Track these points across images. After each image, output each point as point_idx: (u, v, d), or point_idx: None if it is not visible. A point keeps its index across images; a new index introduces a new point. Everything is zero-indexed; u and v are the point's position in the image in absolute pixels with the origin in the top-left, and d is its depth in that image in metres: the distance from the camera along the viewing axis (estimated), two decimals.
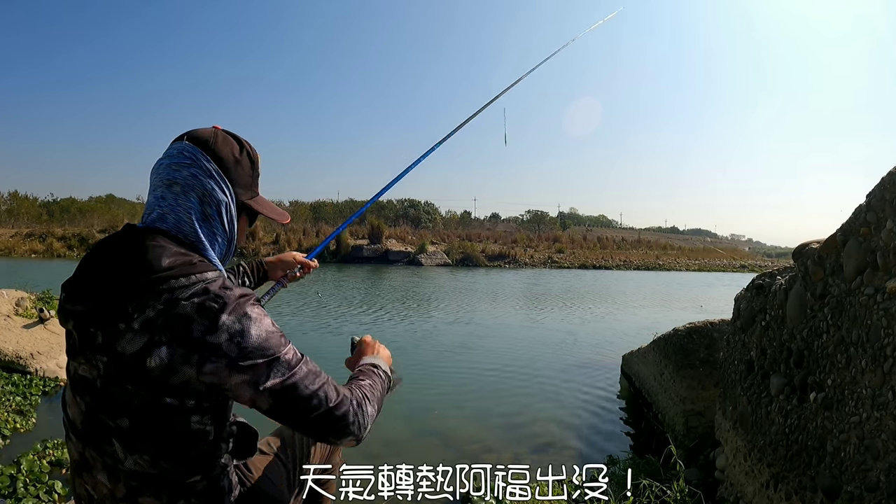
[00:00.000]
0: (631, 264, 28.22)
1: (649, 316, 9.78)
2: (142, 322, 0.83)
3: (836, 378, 1.58)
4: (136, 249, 0.88)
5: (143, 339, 0.83)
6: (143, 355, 0.83)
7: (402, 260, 23.58)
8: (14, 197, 32.09)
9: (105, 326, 0.86)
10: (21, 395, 3.54)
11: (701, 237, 61.25)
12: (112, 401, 0.87)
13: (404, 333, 7.12)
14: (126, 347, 0.84)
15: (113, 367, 0.85)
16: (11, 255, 20.71)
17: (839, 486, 1.51)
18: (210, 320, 0.84)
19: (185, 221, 0.94)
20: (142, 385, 0.85)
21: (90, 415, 0.89)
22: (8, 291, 5.25)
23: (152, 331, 0.83)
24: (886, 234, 1.41)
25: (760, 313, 2.11)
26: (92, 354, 0.87)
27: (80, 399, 0.91)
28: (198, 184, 0.95)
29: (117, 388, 0.86)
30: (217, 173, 0.97)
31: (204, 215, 0.96)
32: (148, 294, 0.85)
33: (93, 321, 0.87)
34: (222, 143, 1.00)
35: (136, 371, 0.84)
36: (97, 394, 0.88)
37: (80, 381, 0.90)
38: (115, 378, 0.86)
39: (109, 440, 0.88)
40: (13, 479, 2.38)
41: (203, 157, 0.97)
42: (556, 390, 4.60)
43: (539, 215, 48.31)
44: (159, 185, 0.96)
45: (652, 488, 2.19)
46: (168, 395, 0.85)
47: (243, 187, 1.02)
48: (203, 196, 0.96)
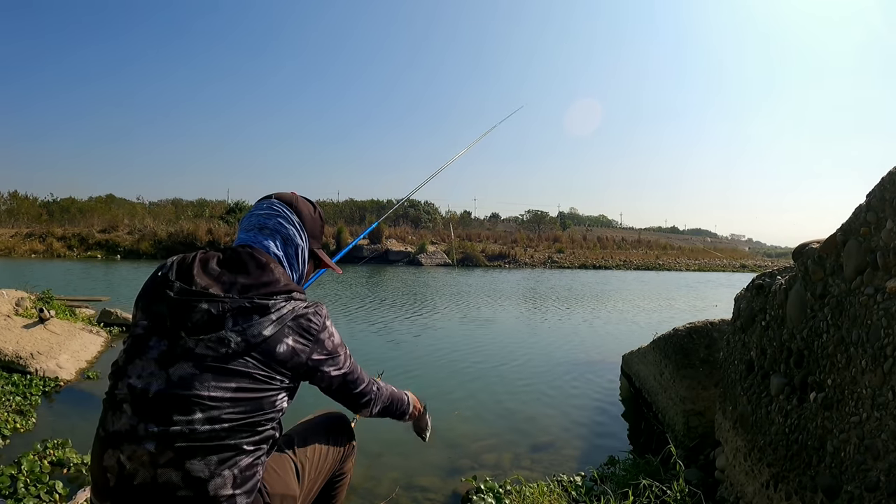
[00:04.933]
0: (631, 264, 28.19)
1: (649, 316, 9.78)
2: (279, 315, 1.12)
3: (836, 378, 1.58)
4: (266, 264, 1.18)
5: (277, 326, 1.11)
6: (274, 342, 1.10)
7: (402, 260, 23.58)
8: (14, 197, 32.05)
9: (242, 314, 1.09)
10: (21, 395, 3.54)
11: (701, 237, 61.25)
12: (228, 371, 1.05)
13: (404, 333, 7.12)
14: (262, 333, 1.09)
15: (245, 345, 1.07)
16: (11, 255, 20.68)
17: (839, 486, 1.52)
18: (319, 324, 1.19)
19: (276, 256, 1.25)
20: (265, 362, 1.09)
21: (181, 384, 1.03)
22: (8, 291, 5.25)
23: (285, 323, 1.12)
24: (886, 234, 1.41)
25: (760, 313, 2.12)
26: (225, 333, 1.07)
27: (173, 370, 1.04)
28: (282, 230, 1.27)
29: (241, 362, 1.07)
30: (298, 224, 1.29)
31: (287, 255, 1.26)
32: (283, 298, 1.15)
33: (232, 308, 1.09)
34: (302, 203, 1.33)
35: (264, 353, 1.09)
36: (208, 365, 1.04)
37: (185, 353, 1.05)
38: (242, 354, 1.07)
39: (191, 409, 1.02)
40: (13, 479, 2.38)
41: (287, 210, 1.29)
42: (556, 390, 4.60)
43: (539, 215, 48.29)
44: (250, 228, 1.27)
45: (652, 488, 2.19)
46: (281, 372, 1.12)
47: (314, 238, 1.35)
48: (286, 239, 1.27)
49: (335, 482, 1.54)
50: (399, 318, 8.36)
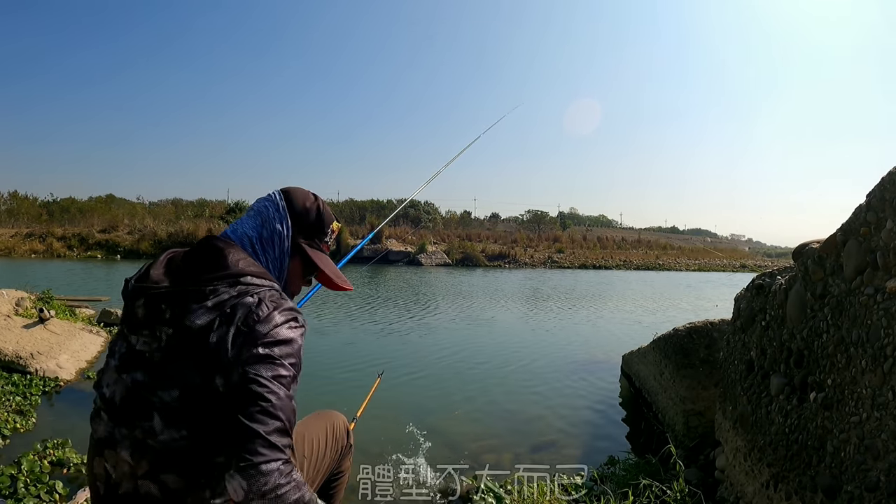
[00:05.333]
0: (631, 264, 28.19)
1: (649, 316, 9.78)
2: (215, 302, 0.95)
3: (836, 378, 1.58)
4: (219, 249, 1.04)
5: (211, 315, 0.94)
6: (207, 330, 0.93)
7: (402, 260, 23.57)
8: (14, 197, 32.04)
9: (177, 304, 0.96)
10: (21, 395, 3.54)
11: (701, 237, 61.25)
12: (166, 373, 0.95)
13: (404, 333, 7.12)
14: (195, 321, 0.94)
15: (176, 339, 0.95)
16: (11, 255, 20.68)
17: (839, 485, 1.52)
18: (266, 314, 0.95)
19: (246, 236, 1.12)
20: (199, 360, 0.93)
21: (135, 390, 0.97)
22: (8, 291, 5.25)
23: (221, 311, 0.94)
24: (886, 234, 1.41)
25: (760, 313, 2.11)
26: (159, 326, 0.97)
27: (126, 375, 0.98)
28: (264, 211, 1.15)
29: (175, 361, 0.95)
30: (283, 209, 1.16)
31: (260, 237, 1.13)
32: (227, 283, 0.98)
33: (167, 299, 0.98)
34: (299, 194, 1.20)
35: (197, 344, 0.93)
36: (152, 367, 0.96)
37: (133, 355, 0.98)
38: (176, 351, 0.95)
39: (149, 415, 0.94)
40: (13, 479, 2.38)
41: (279, 196, 1.18)
42: (556, 390, 4.60)
43: (539, 215, 48.27)
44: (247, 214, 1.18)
45: (652, 488, 2.19)
46: (218, 373, 0.92)
47: (303, 231, 1.18)
48: (264, 221, 1.14)
49: (333, 481, 1.55)
50: (399, 318, 8.36)
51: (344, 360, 5.37)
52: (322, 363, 5.24)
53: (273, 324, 0.94)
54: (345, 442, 1.55)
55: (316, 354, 5.64)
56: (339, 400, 3.88)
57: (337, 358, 5.49)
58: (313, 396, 3.97)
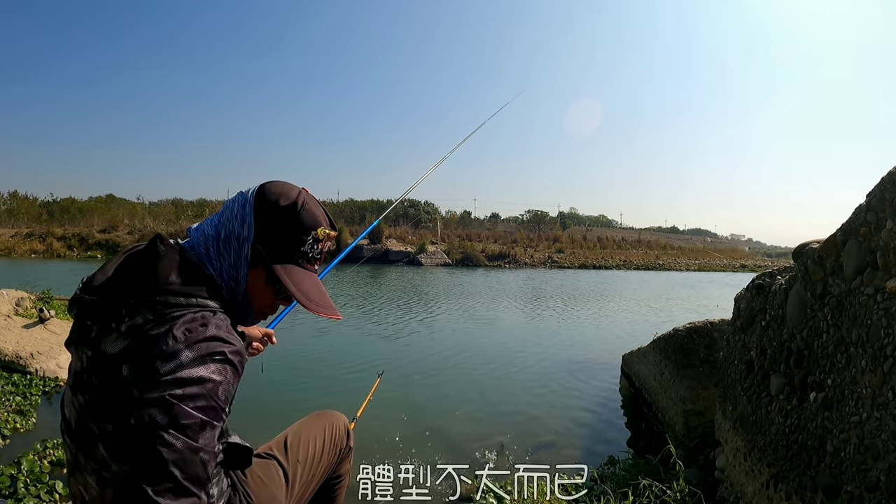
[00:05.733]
0: (631, 264, 28.19)
1: (649, 316, 9.78)
2: (128, 326, 0.83)
3: (836, 378, 1.58)
4: (152, 256, 0.89)
5: (123, 343, 0.82)
6: (119, 360, 0.81)
7: (402, 260, 23.57)
8: (14, 197, 32.06)
9: (100, 321, 0.86)
10: (21, 395, 3.54)
11: (701, 237, 61.21)
12: (100, 401, 0.84)
13: (404, 333, 7.12)
14: (108, 347, 0.83)
15: (94, 365, 0.85)
16: (11, 255, 20.70)
17: (839, 485, 1.52)
18: (173, 348, 0.80)
19: (204, 234, 0.96)
20: (117, 391, 0.81)
21: (81, 415, 0.87)
22: (8, 291, 5.25)
23: (134, 338, 0.82)
24: (886, 234, 1.41)
25: (760, 313, 2.11)
26: (82, 346, 0.87)
27: (75, 397, 0.89)
28: (228, 207, 0.97)
29: (103, 389, 0.84)
30: (249, 207, 0.95)
31: (218, 236, 0.96)
32: (144, 301, 0.84)
33: (92, 314, 0.87)
34: (277, 189, 0.98)
35: (113, 375, 0.82)
36: (91, 391, 0.86)
37: (75, 376, 0.90)
38: (98, 377, 0.84)
39: (96, 444, 0.85)
40: (13, 479, 2.38)
41: (253, 191, 0.98)
42: (556, 390, 4.60)
43: (539, 215, 48.26)
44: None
45: (652, 488, 2.19)
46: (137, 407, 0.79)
47: (268, 238, 0.95)
48: (223, 220, 0.96)
49: (333, 485, 1.50)
50: (399, 318, 8.35)
51: (344, 360, 5.37)
52: (322, 363, 5.25)
53: (177, 361, 0.79)
54: (344, 444, 1.49)
55: (316, 354, 5.65)
56: (339, 400, 3.89)
57: (337, 358, 5.49)
58: (313, 396, 3.98)
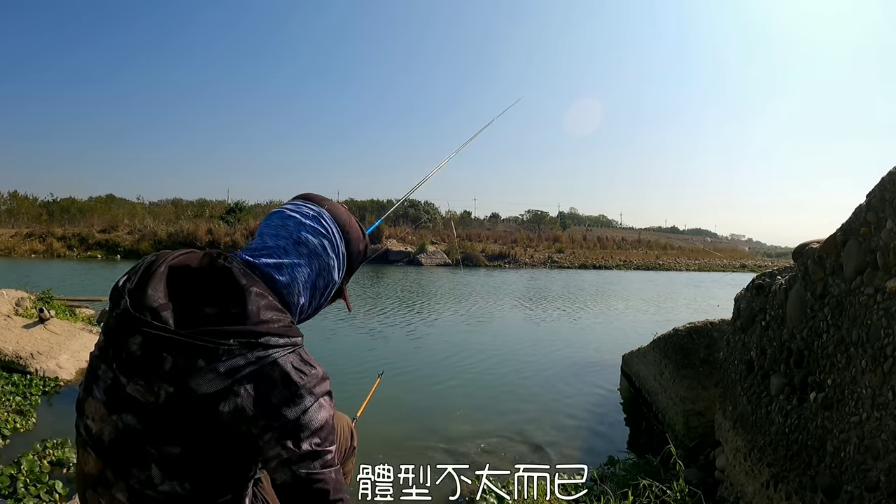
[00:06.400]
0: (631, 264, 28.19)
1: (649, 316, 9.78)
2: (228, 367, 0.80)
3: (836, 378, 1.58)
4: (241, 288, 0.86)
5: (223, 383, 0.80)
6: (217, 399, 0.80)
7: (402, 260, 23.57)
8: (14, 197, 32.04)
9: (182, 357, 0.81)
10: (21, 395, 3.54)
11: (701, 237, 61.22)
12: (166, 427, 0.83)
13: (404, 333, 7.12)
14: (201, 387, 0.80)
15: (178, 400, 0.82)
16: (11, 255, 20.68)
17: (839, 485, 1.52)
18: (292, 392, 0.83)
19: (297, 282, 0.95)
20: (206, 423, 0.82)
21: (129, 436, 0.84)
22: (8, 291, 5.25)
23: (235, 379, 0.80)
24: (886, 234, 1.41)
25: (760, 313, 2.11)
26: (157, 381, 0.82)
27: (117, 416, 0.85)
28: (324, 255, 0.98)
29: (177, 419, 0.83)
30: (343, 255, 1.01)
31: (314, 286, 0.99)
32: (244, 342, 0.82)
33: (171, 347, 0.81)
34: (354, 231, 1.04)
35: (203, 410, 0.81)
36: (148, 416, 0.83)
37: (125, 396, 0.85)
38: (177, 410, 0.82)
39: (147, 465, 0.84)
40: (13, 479, 2.38)
41: (339, 235, 1.00)
42: (557, 390, 4.60)
43: (539, 215, 48.27)
44: (285, 236, 0.96)
45: (652, 488, 2.19)
46: (226, 437, 0.83)
47: (349, 275, 1.07)
48: (321, 269, 0.99)
49: None
50: (399, 318, 8.35)
51: (344, 360, 5.37)
52: (322, 363, 5.20)
53: (304, 407, 0.84)
54: (348, 444, 1.51)
55: (316, 354, 5.60)
56: (339, 400, 3.87)
57: (337, 358, 5.49)
58: None
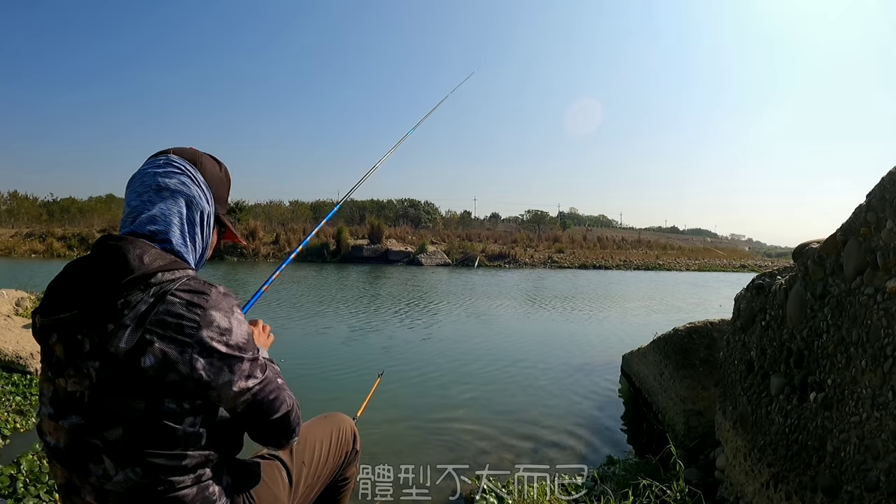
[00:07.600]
0: (631, 264, 28.18)
1: (649, 316, 9.78)
2: (133, 317, 0.84)
3: (836, 378, 1.58)
4: (121, 251, 0.89)
5: (135, 335, 0.83)
6: (136, 354, 0.83)
7: (402, 260, 23.57)
8: (14, 197, 32.08)
9: (93, 329, 0.85)
10: (21, 395, 3.54)
11: (701, 237, 61.24)
12: (103, 412, 0.86)
13: (404, 333, 7.12)
14: (119, 346, 0.83)
15: (106, 372, 0.85)
16: (11, 255, 20.69)
17: (839, 485, 1.52)
18: (200, 315, 0.86)
19: (174, 224, 0.98)
20: (137, 388, 0.85)
21: (76, 435, 0.89)
22: (8, 291, 5.26)
23: (144, 326, 0.84)
24: (886, 234, 1.41)
25: (760, 313, 2.12)
26: (82, 362, 0.85)
27: (63, 422, 0.89)
28: (186, 190, 1.01)
29: (110, 396, 0.86)
30: (204, 184, 1.04)
31: (190, 220, 1.01)
32: (137, 289, 0.86)
33: (80, 327, 0.85)
34: (206, 160, 1.08)
35: (130, 373, 0.84)
36: (86, 409, 0.87)
37: (64, 400, 0.89)
38: (108, 385, 0.85)
39: (98, 458, 0.88)
40: (13, 479, 2.38)
41: (191, 167, 1.03)
42: (556, 390, 4.60)
43: (539, 215, 48.31)
44: (145, 190, 0.99)
45: (652, 488, 2.19)
46: (165, 395, 0.86)
47: (220, 203, 1.10)
48: (189, 202, 1.01)
49: (339, 487, 1.48)
50: (399, 318, 8.36)
51: (344, 360, 5.37)
52: (322, 363, 5.25)
53: (215, 325, 0.87)
54: (350, 447, 1.48)
55: (316, 354, 5.65)
56: (339, 400, 3.89)
57: (337, 358, 5.49)
58: (314, 396, 3.97)
